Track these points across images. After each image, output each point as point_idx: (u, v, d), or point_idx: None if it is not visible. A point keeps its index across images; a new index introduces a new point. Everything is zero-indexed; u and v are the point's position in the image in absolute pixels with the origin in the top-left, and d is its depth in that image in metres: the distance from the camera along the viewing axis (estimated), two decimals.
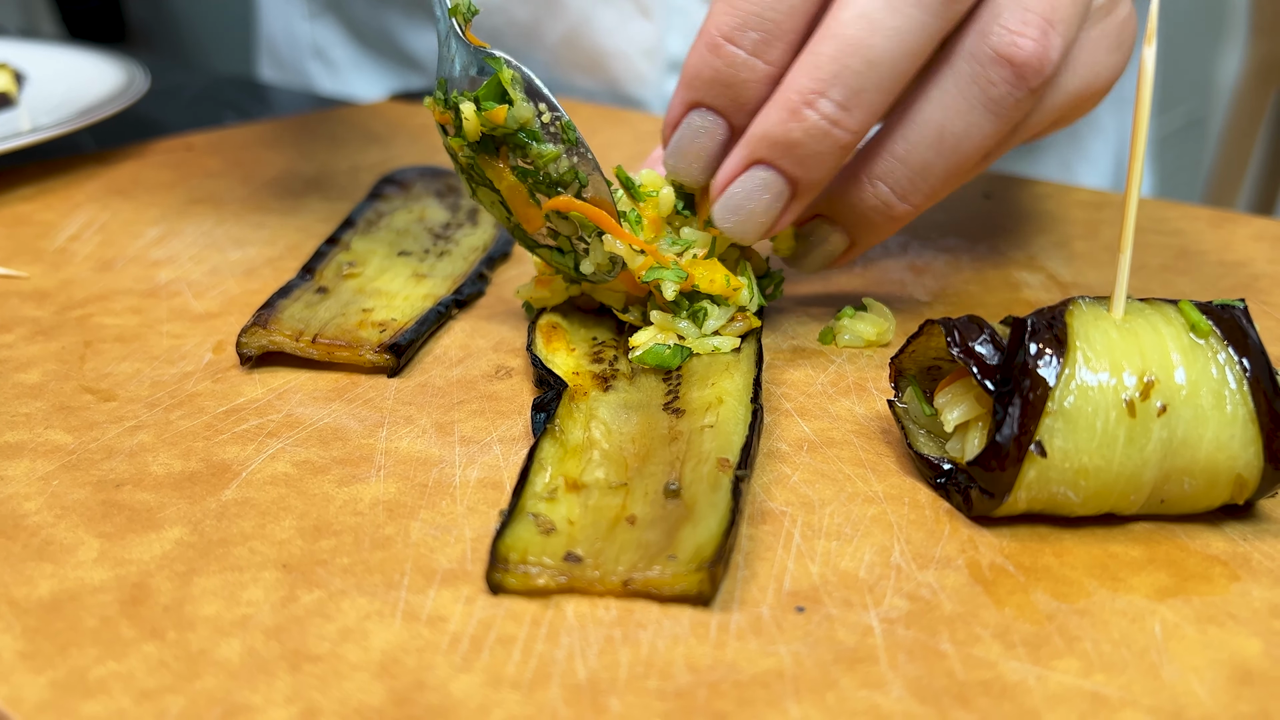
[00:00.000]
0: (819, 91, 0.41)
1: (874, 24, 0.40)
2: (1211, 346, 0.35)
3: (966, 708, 0.29)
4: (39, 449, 0.41)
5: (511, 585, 0.33)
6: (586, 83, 0.98)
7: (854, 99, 0.41)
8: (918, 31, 0.41)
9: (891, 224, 0.47)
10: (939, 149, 0.44)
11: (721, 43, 0.42)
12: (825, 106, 0.41)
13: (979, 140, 0.44)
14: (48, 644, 0.31)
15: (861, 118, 0.42)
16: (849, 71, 0.41)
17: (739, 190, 0.44)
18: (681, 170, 0.46)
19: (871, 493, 0.39)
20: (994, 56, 0.42)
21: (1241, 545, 0.36)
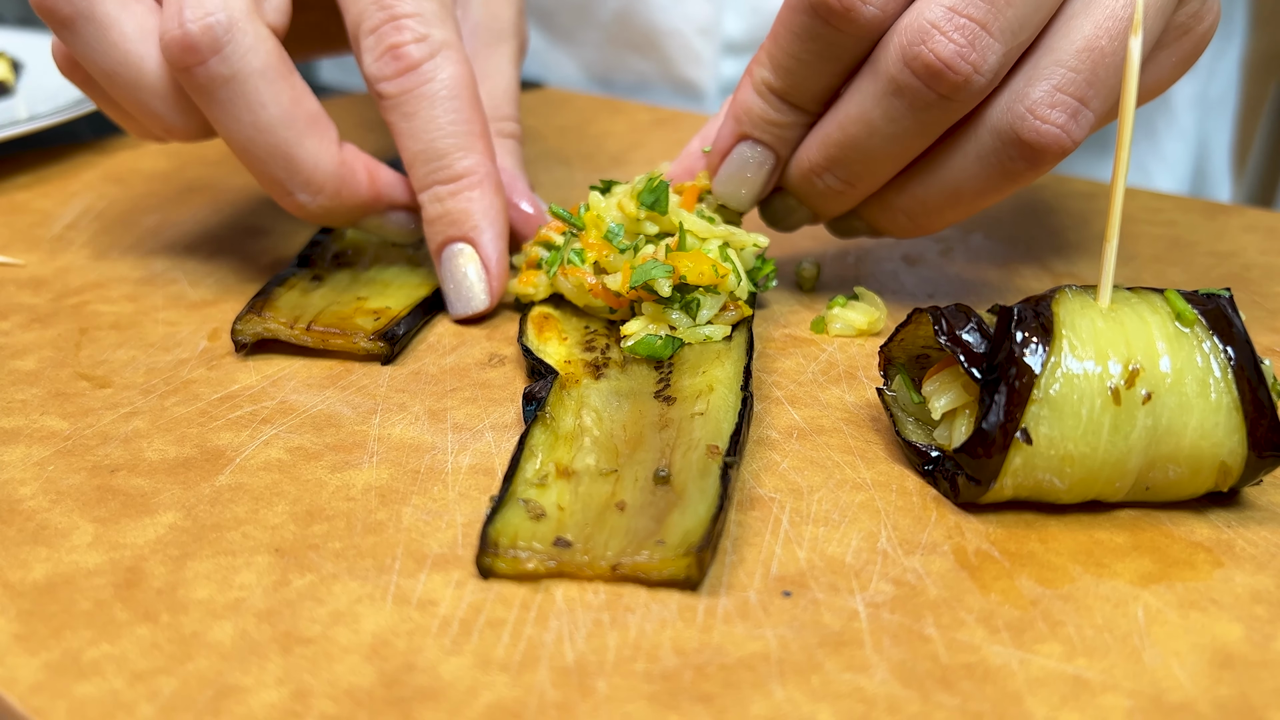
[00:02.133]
0: (824, 168, 0.48)
1: (871, 129, 0.45)
2: (1197, 335, 0.36)
3: (949, 690, 0.30)
4: (35, 435, 0.41)
5: (501, 569, 0.33)
6: (639, 64, 0.97)
7: (853, 177, 0.48)
8: (913, 135, 0.45)
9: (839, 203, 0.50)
10: (954, 204, 0.48)
11: (768, 94, 0.48)
12: (829, 180, 0.49)
13: (990, 199, 0.47)
14: (42, 626, 0.32)
15: (863, 188, 0.48)
16: (848, 161, 0.47)
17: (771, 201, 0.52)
18: (730, 197, 0.51)
19: (860, 479, 0.39)
20: (1018, 141, 0.44)
21: (1225, 532, 0.36)
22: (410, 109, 0.48)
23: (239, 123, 0.47)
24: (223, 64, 0.45)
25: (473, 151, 0.50)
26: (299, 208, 0.49)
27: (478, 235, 0.50)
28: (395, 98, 0.49)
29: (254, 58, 0.46)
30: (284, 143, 0.47)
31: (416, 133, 0.49)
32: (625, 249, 0.47)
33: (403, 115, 0.49)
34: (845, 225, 0.53)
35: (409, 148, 0.49)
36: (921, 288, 0.56)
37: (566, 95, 0.96)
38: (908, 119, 0.44)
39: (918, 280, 0.56)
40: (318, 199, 0.49)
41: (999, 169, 0.45)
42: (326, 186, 0.49)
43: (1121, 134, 0.35)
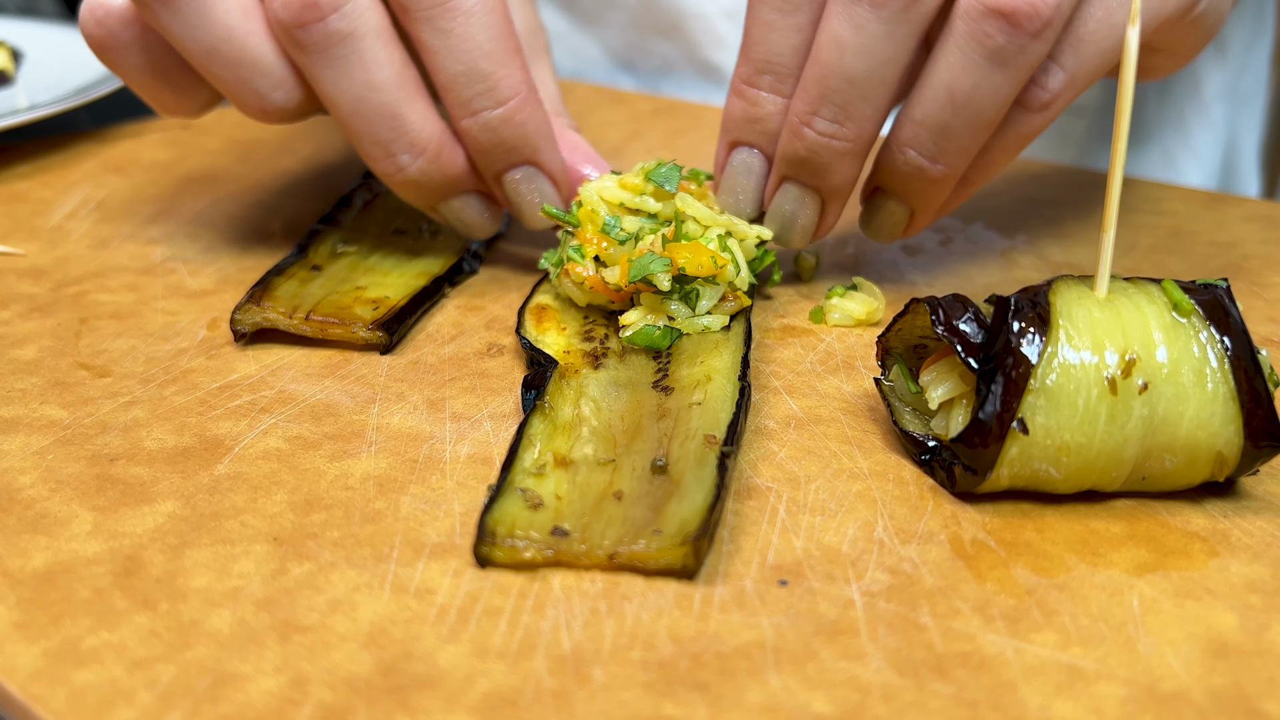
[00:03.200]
0: (812, 112, 0.46)
1: (842, 45, 0.45)
2: (1193, 325, 0.36)
3: (944, 679, 0.30)
4: (34, 424, 0.42)
5: (499, 558, 0.34)
6: (664, 47, 0.96)
7: (843, 113, 0.46)
8: (885, 41, 0.44)
9: (934, 186, 0.48)
10: (953, 108, 0.45)
11: (744, 88, 0.48)
12: (820, 125, 0.47)
13: (990, 94, 0.45)
14: (42, 614, 0.32)
15: (856, 127, 0.46)
16: (831, 91, 0.46)
17: (776, 204, 0.50)
18: (733, 205, 0.51)
19: (857, 469, 0.39)
20: (984, 10, 0.43)
21: (1221, 522, 0.36)
22: (446, 24, 0.46)
23: (351, 81, 0.46)
24: (342, 20, 0.45)
25: (516, 68, 0.48)
26: (397, 170, 0.49)
27: (538, 155, 0.50)
28: (429, 10, 0.46)
29: (371, 16, 0.46)
30: (395, 102, 0.47)
31: (455, 52, 0.47)
32: (625, 239, 0.47)
33: (437, 32, 0.46)
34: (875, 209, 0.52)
35: (447, 69, 0.47)
36: (920, 278, 0.56)
37: (568, 85, 0.96)
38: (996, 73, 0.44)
39: (917, 270, 0.56)
40: (418, 161, 0.48)
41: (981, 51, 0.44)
42: (429, 148, 0.48)
43: (1118, 123, 0.35)
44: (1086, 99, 0.87)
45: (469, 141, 0.49)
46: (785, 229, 0.51)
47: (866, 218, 0.52)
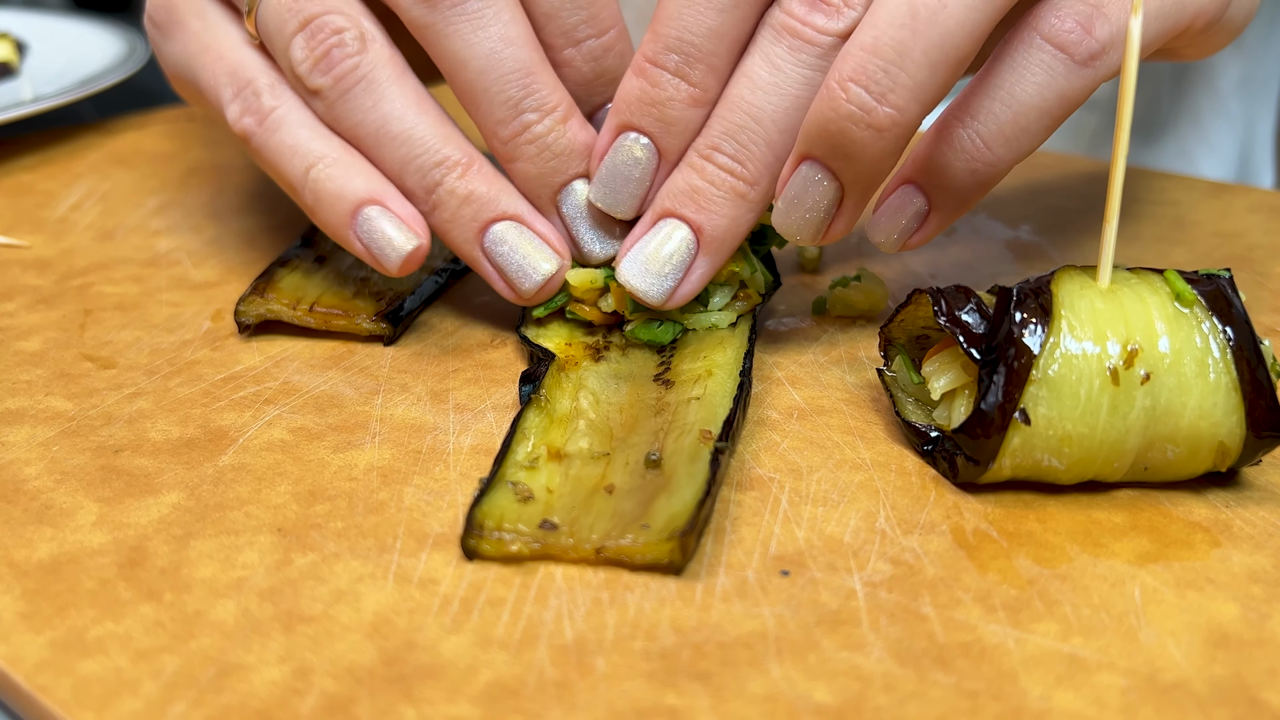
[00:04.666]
0: (712, 146, 0.42)
1: (755, 85, 0.41)
2: (1196, 315, 0.36)
3: (945, 669, 0.30)
4: (39, 415, 0.42)
5: (486, 551, 0.34)
6: None
7: (744, 152, 0.42)
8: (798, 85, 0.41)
9: (873, 142, 0.39)
10: (913, 25, 0.37)
11: (646, 66, 0.43)
12: (719, 159, 0.42)
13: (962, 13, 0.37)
14: (47, 605, 0.32)
15: (754, 169, 0.42)
16: (736, 127, 0.42)
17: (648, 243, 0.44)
18: (609, 200, 0.45)
19: (859, 460, 0.39)
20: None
21: (1224, 512, 0.36)
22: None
23: (486, 36, 0.44)
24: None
25: (614, 4, 0.47)
26: (523, 128, 0.45)
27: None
28: None
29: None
30: (529, 59, 0.44)
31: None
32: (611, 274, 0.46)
33: None
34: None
35: (541, 4, 0.45)
36: (924, 268, 0.56)
37: None
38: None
39: (920, 261, 0.56)
40: (545, 120, 0.45)
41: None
42: (561, 108, 0.45)
43: (1121, 112, 0.35)
44: (1099, 93, 0.87)
45: (571, 73, 0.46)
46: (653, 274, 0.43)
47: (784, 205, 0.42)
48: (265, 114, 0.46)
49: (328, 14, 0.45)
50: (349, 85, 0.45)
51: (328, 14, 0.45)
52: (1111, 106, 0.88)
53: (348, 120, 0.45)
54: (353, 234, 0.45)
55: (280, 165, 0.46)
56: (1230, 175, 0.92)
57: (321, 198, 0.45)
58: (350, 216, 0.45)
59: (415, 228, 0.45)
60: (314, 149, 0.46)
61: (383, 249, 0.45)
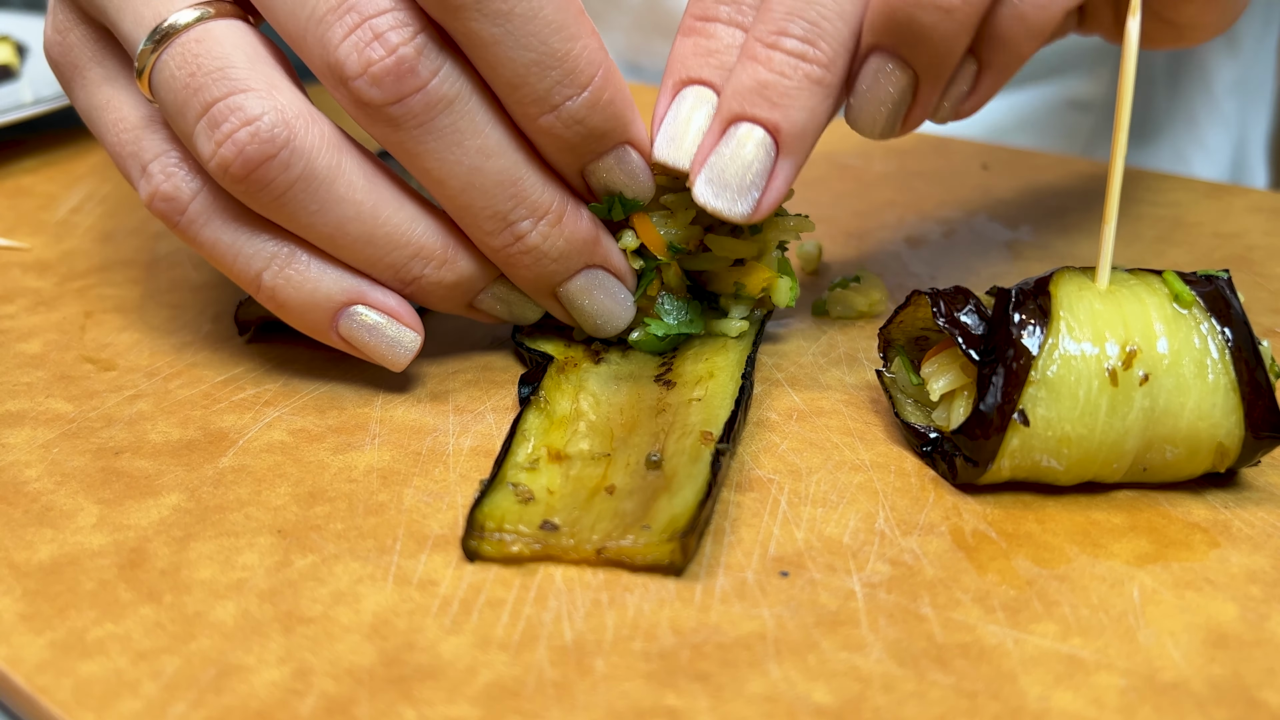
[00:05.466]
0: (778, 31, 0.38)
1: None
2: (1194, 316, 0.36)
3: (944, 669, 0.30)
4: (40, 417, 0.42)
5: (487, 552, 0.34)
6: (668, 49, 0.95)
7: (815, 30, 0.38)
8: None
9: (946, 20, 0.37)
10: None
11: (696, 23, 0.41)
12: (788, 44, 0.38)
13: None
14: (47, 606, 0.32)
15: (830, 49, 0.38)
16: (800, 5, 0.38)
17: (720, 156, 0.39)
18: (672, 153, 0.41)
19: (858, 461, 0.39)
20: None
21: (1223, 513, 0.36)
22: (504, 6, 0.36)
23: (462, 150, 0.38)
24: (445, 83, 0.37)
25: (589, 33, 0.38)
26: (515, 239, 0.40)
27: (628, 130, 0.41)
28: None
29: (468, 74, 0.38)
30: (514, 165, 0.39)
31: (520, 36, 0.37)
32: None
33: (494, 18, 0.36)
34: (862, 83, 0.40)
35: (514, 60, 0.37)
36: (923, 269, 0.56)
37: None
38: None
39: (920, 262, 0.56)
40: (540, 225, 0.40)
41: None
42: (553, 209, 0.40)
43: (1119, 113, 0.35)
44: (1094, 94, 0.87)
45: (550, 142, 0.40)
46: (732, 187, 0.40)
47: (856, 101, 0.40)
48: (182, 205, 0.40)
49: (233, 96, 0.37)
50: (279, 191, 0.38)
51: (233, 96, 0.37)
52: (1108, 108, 0.88)
53: (290, 224, 0.39)
54: (336, 336, 0.41)
55: (221, 264, 0.40)
56: (1224, 177, 0.92)
57: (288, 305, 0.40)
58: (329, 321, 0.41)
59: (409, 321, 0.41)
60: (258, 250, 0.40)
61: (381, 352, 0.41)
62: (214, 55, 0.37)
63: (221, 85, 0.37)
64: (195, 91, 0.37)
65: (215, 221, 0.40)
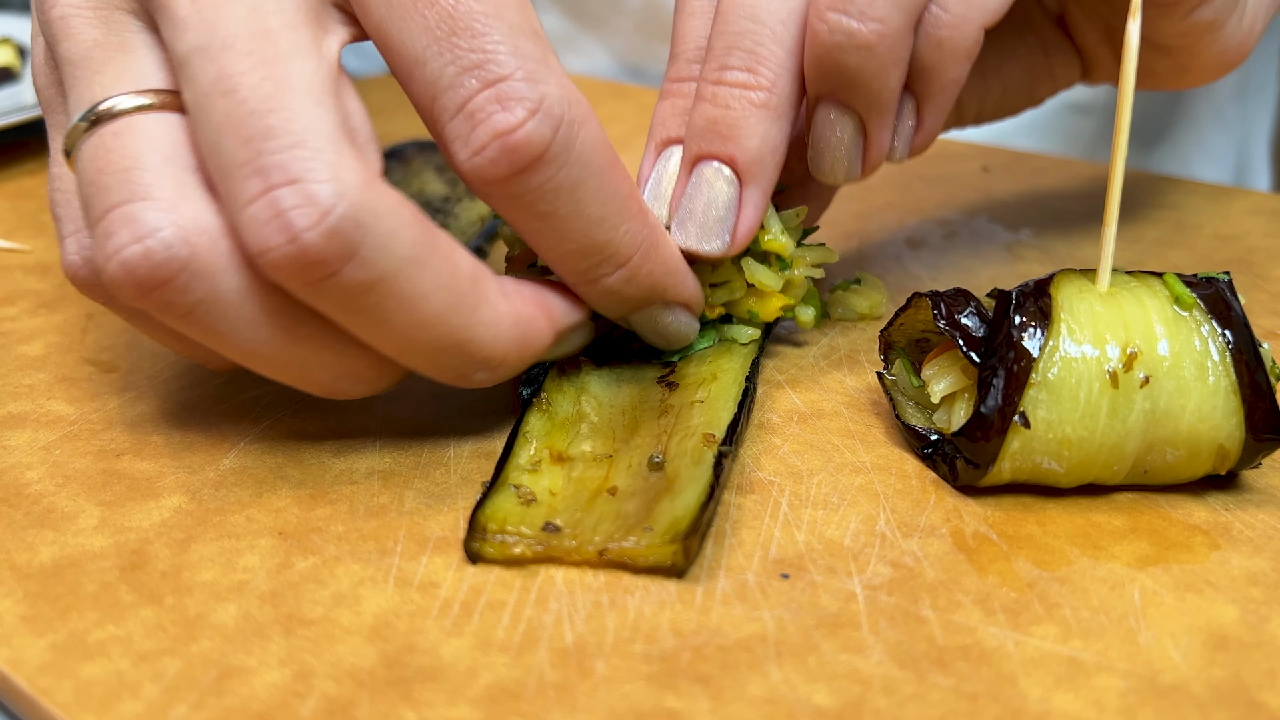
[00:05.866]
0: (720, 67, 0.39)
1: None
2: (1195, 319, 0.36)
3: (945, 671, 0.30)
4: (41, 419, 0.42)
5: (489, 554, 0.34)
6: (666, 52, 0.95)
7: (753, 58, 0.38)
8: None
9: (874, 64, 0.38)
10: None
11: (675, 85, 0.42)
12: (730, 76, 0.39)
13: None
14: (49, 608, 0.32)
15: (771, 73, 0.38)
16: (737, 35, 0.39)
17: (687, 197, 0.40)
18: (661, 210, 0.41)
19: (859, 463, 0.39)
20: None
21: (1223, 515, 0.36)
22: (547, 207, 0.35)
23: (390, 328, 0.34)
24: (361, 269, 0.32)
25: (633, 215, 0.37)
26: (469, 383, 0.37)
27: (667, 294, 0.40)
28: (521, 198, 0.34)
29: (398, 244, 0.32)
30: (455, 330, 0.35)
31: (562, 232, 0.36)
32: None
33: (536, 216, 0.35)
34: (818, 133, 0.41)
35: (555, 248, 0.36)
36: (924, 271, 0.56)
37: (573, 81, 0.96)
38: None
39: (920, 264, 0.56)
40: (500, 369, 0.37)
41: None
42: (509, 356, 0.36)
43: (1120, 116, 0.35)
44: (1095, 99, 0.87)
45: (587, 300, 0.39)
46: (702, 225, 0.40)
47: (813, 154, 0.42)
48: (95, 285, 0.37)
49: (130, 205, 0.32)
50: (181, 313, 0.33)
51: (130, 205, 0.32)
52: (1109, 112, 0.88)
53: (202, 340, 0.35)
54: None
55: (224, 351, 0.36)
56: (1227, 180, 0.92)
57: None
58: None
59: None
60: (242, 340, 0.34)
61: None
62: (127, 153, 0.33)
63: (123, 190, 0.33)
64: (99, 191, 0.33)
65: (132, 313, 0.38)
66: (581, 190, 0.35)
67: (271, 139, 0.31)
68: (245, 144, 0.31)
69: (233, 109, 0.31)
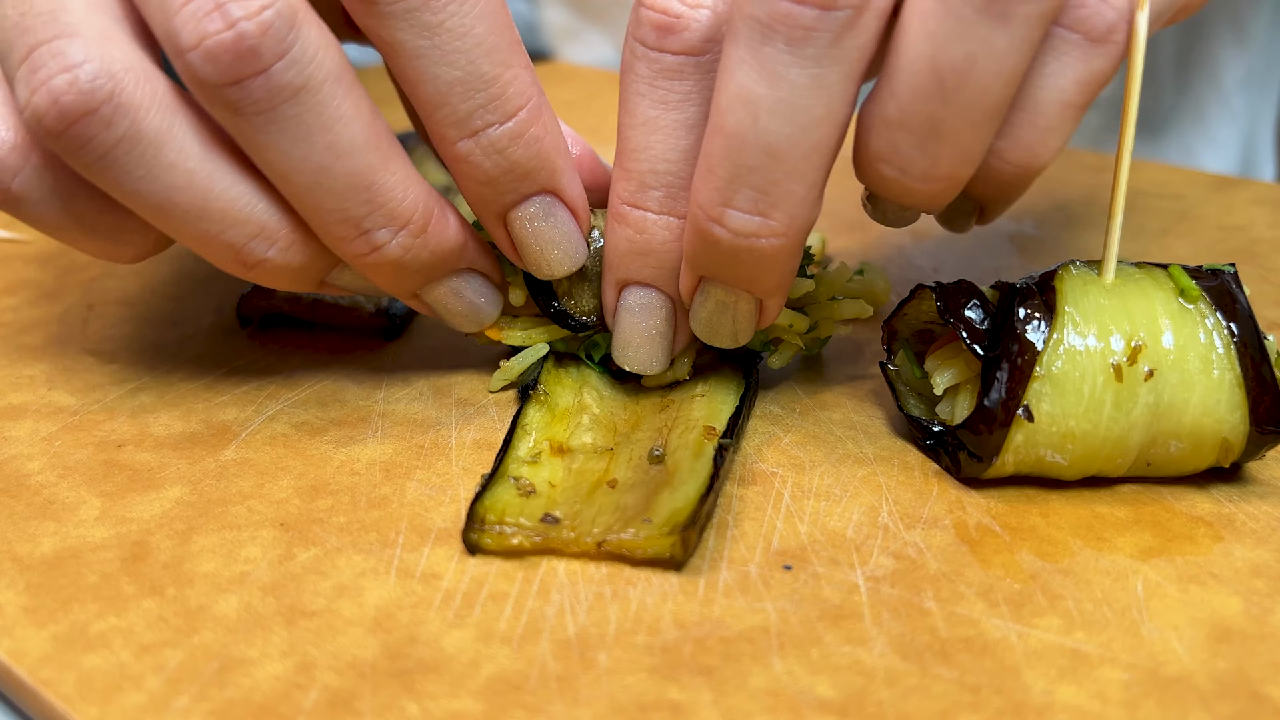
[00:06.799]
0: (722, 203, 0.34)
1: (753, 104, 0.32)
2: (1200, 311, 0.35)
3: (947, 663, 0.30)
4: (42, 410, 0.42)
5: (487, 545, 0.34)
6: None
7: (765, 199, 0.33)
8: (812, 91, 0.32)
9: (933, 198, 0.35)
10: (942, 94, 0.32)
11: (626, 211, 0.37)
12: (735, 220, 0.34)
13: (993, 64, 0.31)
14: (50, 599, 0.32)
15: (786, 216, 0.34)
16: (745, 170, 0.33)
17: (698, 309, 0.38)
18: (634, 359, 0.39)
19: (862, 454, 0.39)
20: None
21: (1227, 507, 0.36)
22: (433, 17, 0.34)
23: (310, 147, 0.34)
24: (291, 69, 0.32)
25: (523, 66, 0.36)
26: (371, 249, 0.36)
27: (556, 178, 0.38)
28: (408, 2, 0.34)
29: (326, 57, 0.33)
30: (368, 167, 0.35)
31: (448, 53, 0.34)
32: None
33: (421, 29, 0.34)
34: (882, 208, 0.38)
35: (437, 77, 0.35)
36: (928, 262, 0.55)
37: (573, 69, 0.96)
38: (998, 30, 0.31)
39: (924, 255, 0.56)
40: (400, 236, 0.36)
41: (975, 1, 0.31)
42: (415, 217, 0.36)
43: (1127, 107, 0.35)
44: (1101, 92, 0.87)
45: (468, 170, 0.37)
46: (714, 334, 0.38)
47: (867, 204, 0.38)
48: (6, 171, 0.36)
49: (58, 40, 0.32)
50: (100, 151, 0.33)
51: (58, 40, 0.32)
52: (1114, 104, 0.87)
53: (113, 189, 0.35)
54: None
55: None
56: (1232, 171, 0.92)
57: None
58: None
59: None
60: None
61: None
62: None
63: (49, 28, 0.33)
64: (22, 32, 0.33)
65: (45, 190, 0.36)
66: (472, 7, 0.34)
67: None
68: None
69: None
